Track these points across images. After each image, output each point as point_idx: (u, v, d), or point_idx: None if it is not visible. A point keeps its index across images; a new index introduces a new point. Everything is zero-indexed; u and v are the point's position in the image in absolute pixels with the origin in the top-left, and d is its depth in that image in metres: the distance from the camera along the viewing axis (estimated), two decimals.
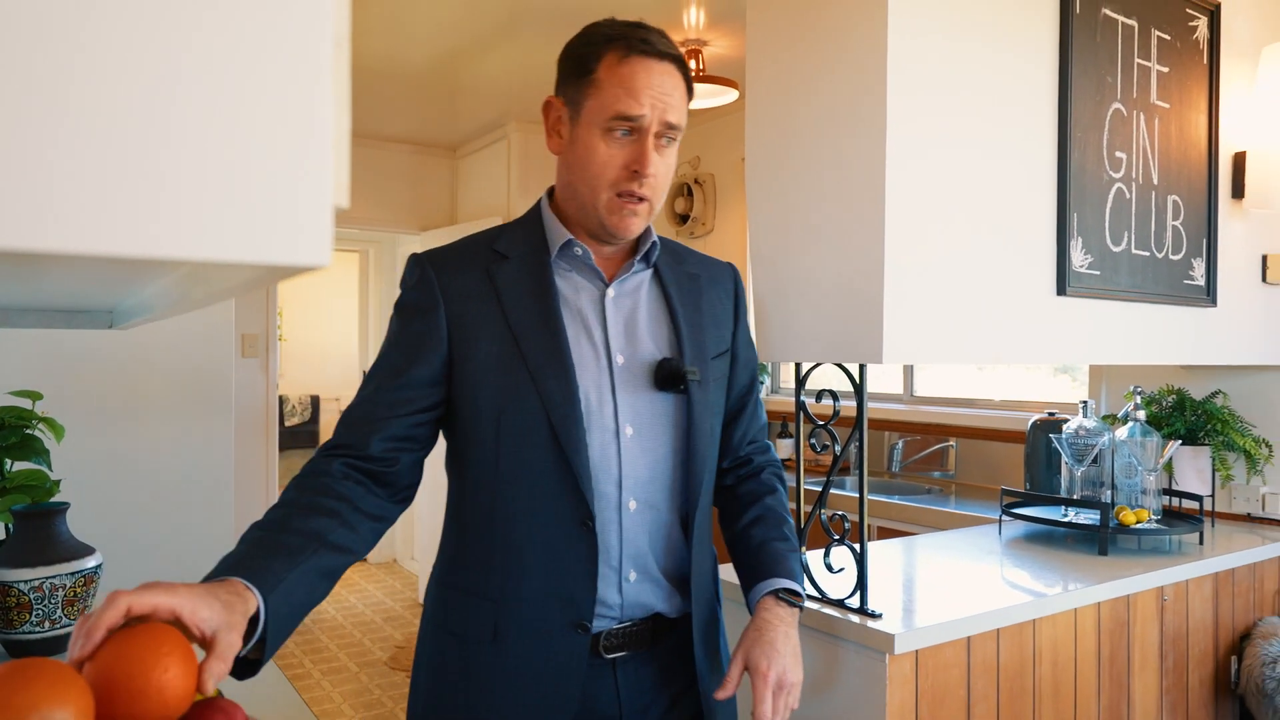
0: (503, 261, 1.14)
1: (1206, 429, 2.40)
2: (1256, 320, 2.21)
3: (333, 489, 1.02)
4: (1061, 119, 1.73)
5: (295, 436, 7.22)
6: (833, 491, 2.36)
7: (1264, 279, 2.20)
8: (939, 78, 1.55)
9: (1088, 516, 2.19)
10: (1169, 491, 2.33)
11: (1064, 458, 2.24)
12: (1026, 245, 1.72)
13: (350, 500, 1.02)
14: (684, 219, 4.31)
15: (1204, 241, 2.04)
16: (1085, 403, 2.27)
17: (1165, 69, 1.93)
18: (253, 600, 0.84)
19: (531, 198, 4.49)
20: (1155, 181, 1.92)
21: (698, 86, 3.31)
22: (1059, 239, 1.74)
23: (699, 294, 1.23)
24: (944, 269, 1.58)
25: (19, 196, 0.32)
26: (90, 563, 1.31)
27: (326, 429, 7.51)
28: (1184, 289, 2.00)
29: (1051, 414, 2.64)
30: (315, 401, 7.45)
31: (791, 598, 1.16)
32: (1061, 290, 1.75)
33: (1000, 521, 2.33)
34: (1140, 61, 1.88)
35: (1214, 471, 2.39)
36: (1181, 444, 2.41)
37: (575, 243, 1.15)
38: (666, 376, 1.14)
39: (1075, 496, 2.23)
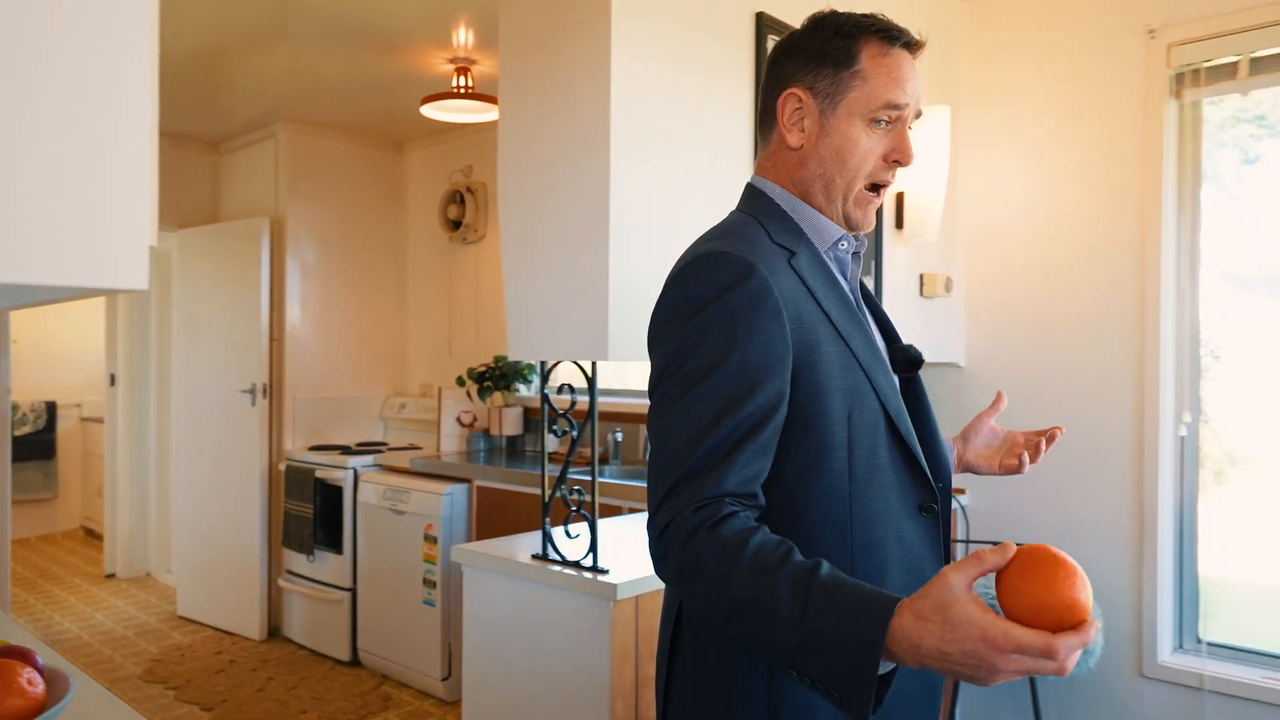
0: (795, 258, 1.06)
1: None
2: (916, 327, 2.76)
3: (787, 550, 0.87)
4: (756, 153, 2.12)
5: (28, 446, 6.61)
6: (600, 480, 2.66)
7: (921, 293, 2.76)
8: (658, 116, 1.89)
9: None
10: None
11: None
12: None
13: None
14: (456, 225, 4.49)
15: (872, 262, 2.54)
16: None
17: None
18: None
19: (304, 200, 4.49)
20: None
21: (465, 102, 3.53)
22: None
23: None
24: (660, 282, 1.92)
25: None
26: None
27: (66, 436, 6.93)
28: None
29: None
30: (51, 408, 6.85)
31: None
32: None
33: None
34: None
35: None
36: None
37: (847, 237, 1.11)
38: (909, 362, 1.13)
39: None
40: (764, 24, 2.14)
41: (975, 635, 0.75)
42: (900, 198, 2.63)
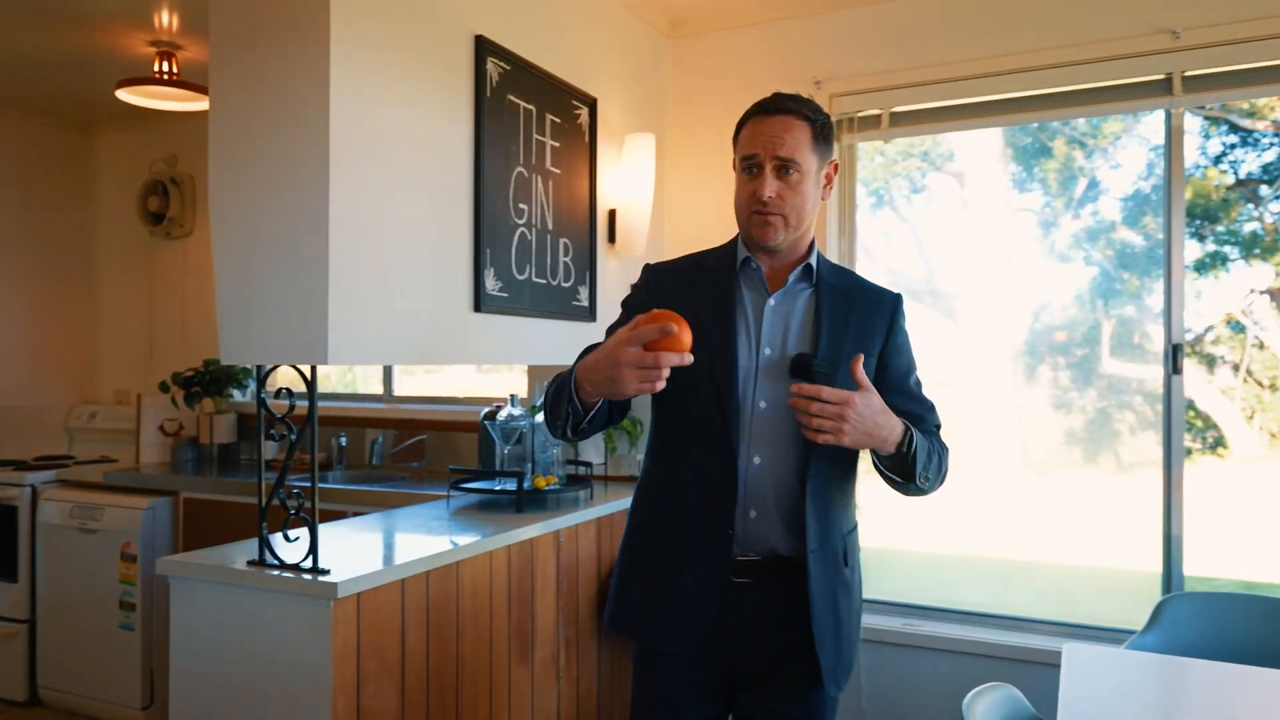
0: (702, 272, 1.60)
1: None
2: None
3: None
4: (477, 177, 2.25)
5: None
6: (320, 485, 2.62)
7: None
8: (379, 124, 1.95)
9: (512, 484, 2.78)
10: (573, 461, 3.05)
11: (495, 439, 2.82)
12: (451, 272, 2.21)
13: None
14: (159, 218, 4.16)
15: (588, 273, 2.76)
16: (512, 396, 2.87)
17: (557, 144, 2.59)
18: None
19: None
20: (550, 227, 2.56)
21: (169, 89, 3.31)
22: (475, 268, 2.26)
23: (850, 312, 1.58)
24: (383, 287, 1.99)
25: None
26: None
27: None
28: (572, 308, 2.69)
29: (498, 406, 3.24)
30: None
31: (904, 449, 1.47)
32: (478, 308, 2.27)
33: (449, 496, 2.83)
34: (538, 137, 2.50)
35: (605, 445, 3.19)
36: None
37: (751, 259, 1.58)
38: (797, 367, 1.50)
39: (505, 470, 2.82)
40: (483, 47, 2.27)
41: (607, 346, 1.34)
42: (612, 214, 2.87)
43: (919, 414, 1.61)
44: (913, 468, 1.48)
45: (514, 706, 2.37)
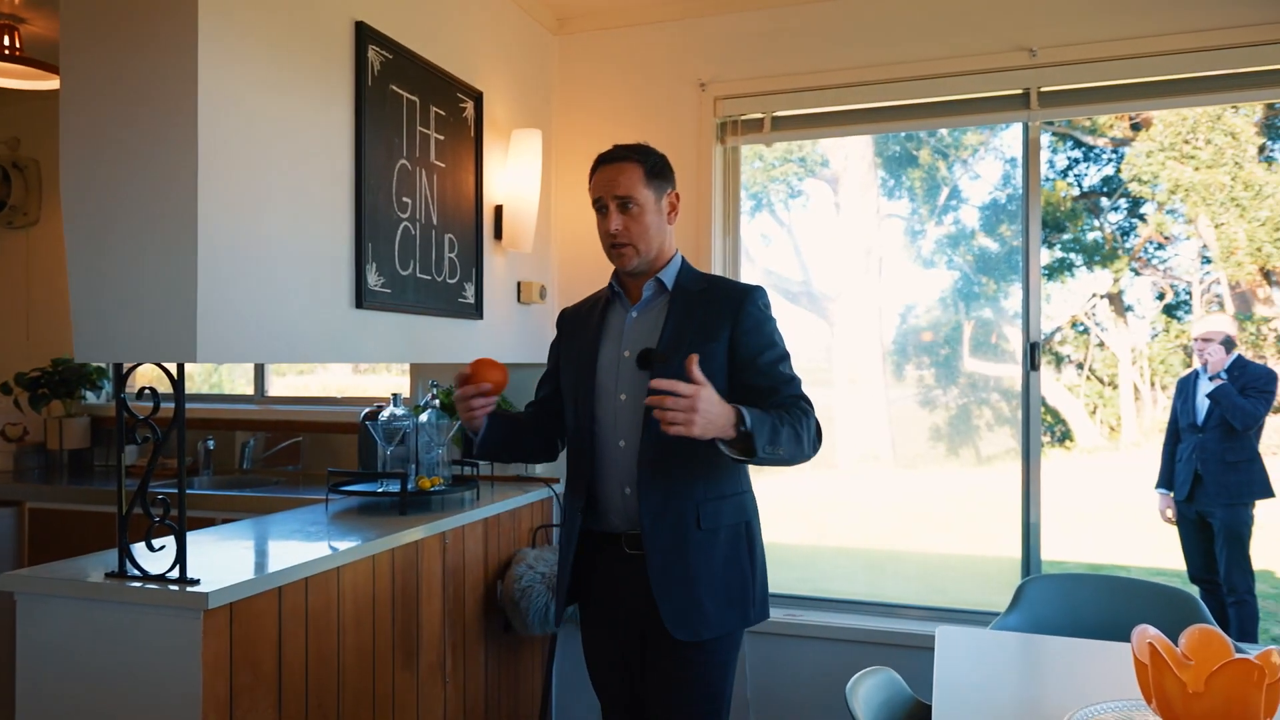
0: (595, 302, 2.00)
1: None
2: (514, 329, 2.98)
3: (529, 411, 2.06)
4: (358, 170, 2.17)
5: None
6: (189, 492, 2.46)
7: (519, 299, 2.99)
8: (252, 119, 1.85)
9: (395, 486, 2.70)
10: (459, 462, 2.99)
11: (378, 440, 2.73)
12: (331, 266, 2.12)
13: (533, 415, 2.06)
14: (0, 206, 3.83)
15: (474, 270, 2.71)
16: (395, 395, 2.79)
17: (442, 137, 2.53)
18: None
19: None
20: (435, 222, 2.50)
21: (12, 66, 3.06)
22: (357, 263, 2.18)
23: (693, 308, 1.82)
24: (257, 281, 1.89)
25: None
26: None
27: None
28: (458, 305, 2.63)
29: (380, 407, 3.14)
30: None
31: (742, 428, 1.61)
32: (360, 304, 2.19)
33: (327, 500, 2.72)
34: (422, 130, 2.44)
35: None
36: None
37: (614, 285, 1.94)
38: (642, 359, 1.79)
39: (389, 471, 2.74)
40: (364, 34, 2.19)
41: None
42: (499, 210, 2.83)
43: (769, 387, 1.79)
44: (755, 443, 1.61)
45: (398, 715, 2.30)
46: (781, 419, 1.68)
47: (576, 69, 3.21)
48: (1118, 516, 7.49)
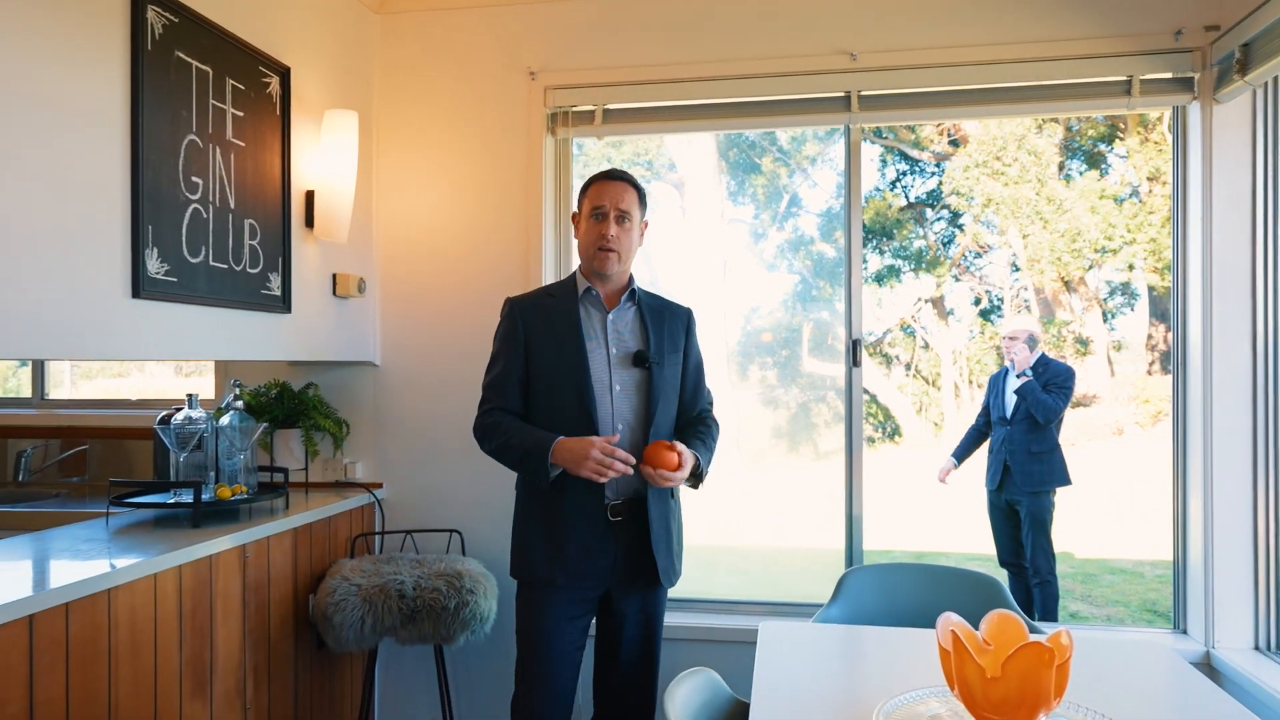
0: (552, 300, 2.15)
1: (301, 414, 2.91)
2: (330, 325, 2.78)
3: (520, 421, 2.12)
4: (135, 143, 1.94)
5: None
6: None
7: (335, 293, 2.79)
8: (11, 67, 1.60)
9: (191, 496, 2.45)
10: (266, 468, 2.76)
11: (170, 446, 2.47)
12: (99, 250, 1.88)
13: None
14: None
15: (280, 259, 2.50)
16: (191, 396, 2.54)
17: (241, 113, 2.31)
18: None
19: None
20: (233, 205, 2.28)
21: None
22: (134, 248, 1.95)
23: (663, 322, 2.20)
24: (8, 274, 1.64)
25: None
26: None
27: None
28: (262, 298, 2.42)
29: (177, 409, 2.85)
30: None
31: (702, 465, 2.14)
32: (138, 294, 1.96)
33: (107, 513, 2.44)
34: (216, 103, 2.22)
35: (306, 449, 2.92)
36: (279, 427, 2.88)
37: (592, 288, 2.15)
38: (637, 359, 2.12)
39: (181, 480, 2.48)
40: None
41: (582, 446, 1.98)
42: (311, 196, 2.63)
43: (694, 394, 2.27)
44: (704, 474, 2.17)
45: None
46: (707, 443, 2.20)
47: (400, 50, 3.04)
48: (940, 507, 7.95)
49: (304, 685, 2.61)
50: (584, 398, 2.06)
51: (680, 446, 2.04)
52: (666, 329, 2.20)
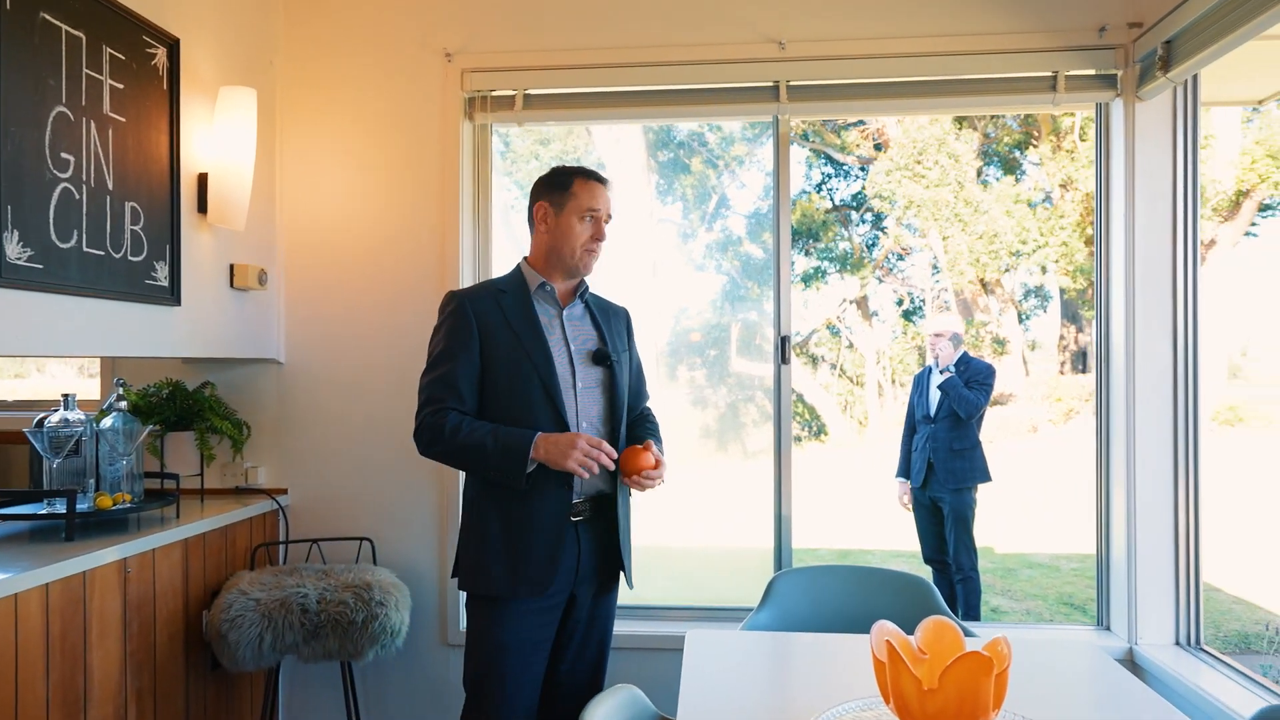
0: (503, 295, 2.05)
1: (196, 415, 2.70)
2: (227, 319, 2.58)
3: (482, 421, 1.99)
4: None
5: None
6: None
7: (232, 284, 2.59)
8: None
9: (63, 505, 2.23)
10: (156, 474, 2.54)
11: (41, 452, 2.24)
12: None
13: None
14: None
15: (168, 247, 2.29)
16: (67, 396, 2.31)
17: (121, 85, 2.11)
18: None
19: None
20: (111, 187, 2.08)
21: None
22: None
23: (609, 320, 2.16)
24: None
25: None
26: None
27: None
28: (146, 288, 2.21)
29: (55, 410, 2.61)
30: None
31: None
32: None
33: None
34: (91, 73, 2.01)
35: (201, 453, 2.71)
36: (170, 430, 2.66)
37: (547, 284, 2.07)
38: (598, 357, 2.07)
39: (55, 489, 2.26)
40: None
41: (566, 439, 1.89)
42: (204, 179, 2.43)
43: (637, 391, 2.24)
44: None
45: None
46: (659, 441, 2.18)
47: (305, 25, 2.85)
48: (864, 504, 8.03)
49: (196, 709, 2.41)
50: (554, 396, 1.97)
51: (652, 446, 2.02)
52: (614, 327, 2.17)
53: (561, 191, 2.06)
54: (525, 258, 2.13)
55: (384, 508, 2.81)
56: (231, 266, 2.59)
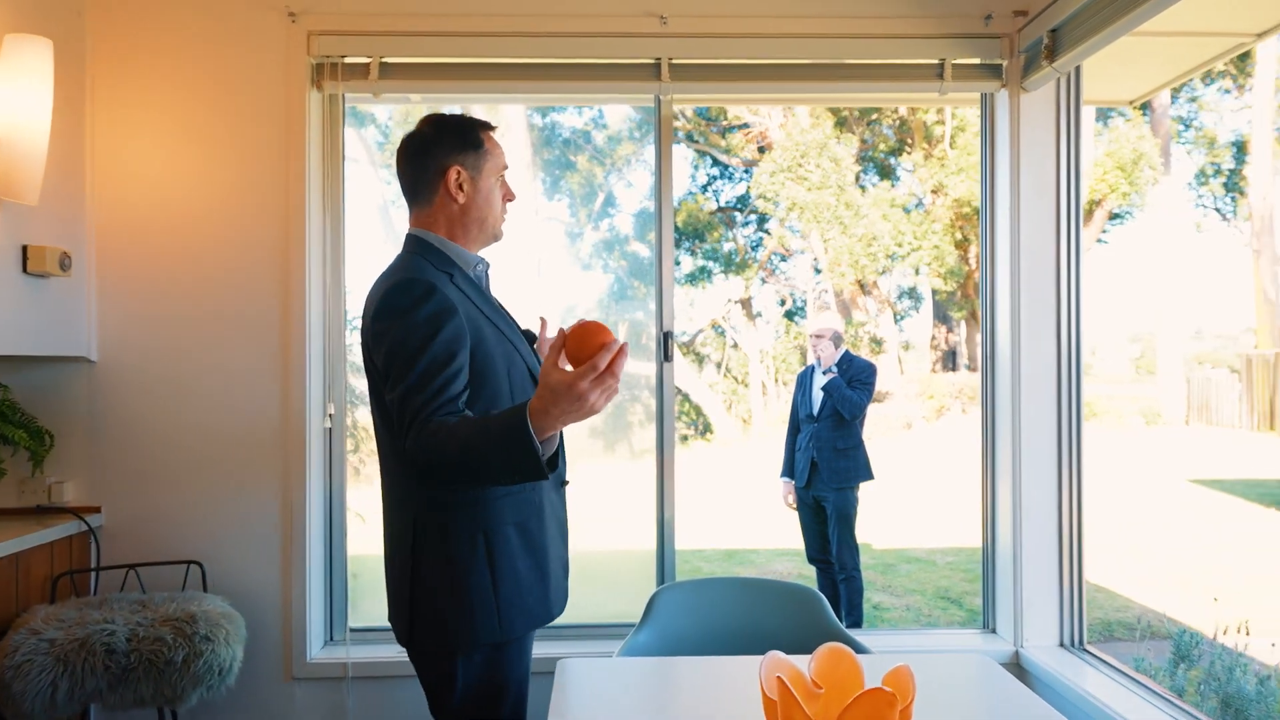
0: (454, 278, 1.66)
1: None
2: (21, 310, 2.20)
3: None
4: None
5: None
6: None
7: (25, 269, 2.21)
8: None
9: None
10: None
11: None
12: None
13: None
14: None
15: None
16: None
17: None
18: None
19: None
20: None
21: None
22: None
23: None
24: None
25: None
26: None
27: None
28: None
29: None
30: None
31: None
32: None
33: None
34: None
35: None
36: None
37: (482, 260, 1.77)
38: (530, 337, 1.84)
39: None
40: None
41: (562, 390, 1.36)
42: None
43: None
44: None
45: None
46: None
47: None
48: (749, 502, 8.01)
49: None
50: (536, 375, 1.73)
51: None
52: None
53: (475, 151, 1.69)
54: (426, 231, 1.69)
55: (216, 527, 2.47)
56: (25, 248, 2.21)
